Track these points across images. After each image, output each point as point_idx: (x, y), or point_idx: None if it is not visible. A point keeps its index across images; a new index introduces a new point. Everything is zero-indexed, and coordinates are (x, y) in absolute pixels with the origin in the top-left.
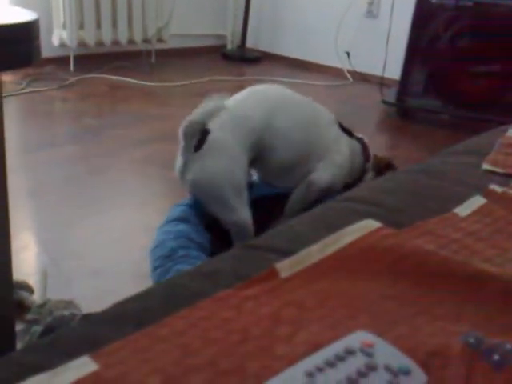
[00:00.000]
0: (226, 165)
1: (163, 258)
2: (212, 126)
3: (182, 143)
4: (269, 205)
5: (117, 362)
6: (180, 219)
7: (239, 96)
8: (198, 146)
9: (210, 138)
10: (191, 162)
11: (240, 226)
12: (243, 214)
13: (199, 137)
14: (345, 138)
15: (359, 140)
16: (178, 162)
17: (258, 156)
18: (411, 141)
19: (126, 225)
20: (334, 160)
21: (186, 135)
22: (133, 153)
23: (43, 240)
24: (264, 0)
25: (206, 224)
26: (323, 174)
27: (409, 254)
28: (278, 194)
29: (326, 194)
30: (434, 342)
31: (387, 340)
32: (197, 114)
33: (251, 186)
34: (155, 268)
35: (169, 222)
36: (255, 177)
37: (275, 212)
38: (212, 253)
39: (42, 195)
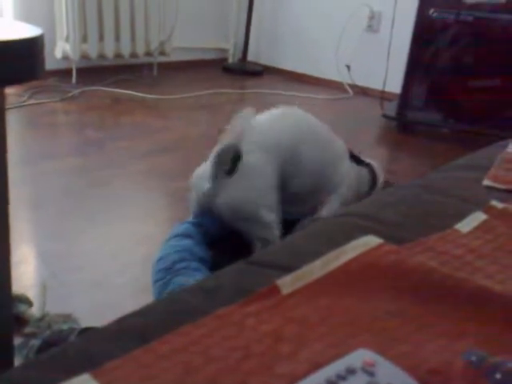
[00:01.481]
0: (260, 186)
1: (164, 271)
2: (243, 148)
3: (212, 168)
4: None
5: (118, 380)
6: (183, 235)
7: (267, 118)
8: (231, 170)
9: (244, 162)
10: (223, 186)
11: (269, 242)
12: (275, 230)
13: (232, 160)
14: (354, 168)
15: (368, 165)
16: (203, 182)
17: (280, 182)
18: (411, 155)
19: (126, 237)
20: (343, 195)
21: (220, 161)
22: (135, 165)
23: (43, 252)
24: (265, 14)
25: (210, 242)
26: (330, 211)
27: (411, 270)
28: (284, 220)
29: None
30: (436, 360)
31: (389, 358)
32: (229, 138)
33: None
34: (156, 281)
35: (173, 237)
36: None
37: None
38: (213, 267)
39: (43, 207)
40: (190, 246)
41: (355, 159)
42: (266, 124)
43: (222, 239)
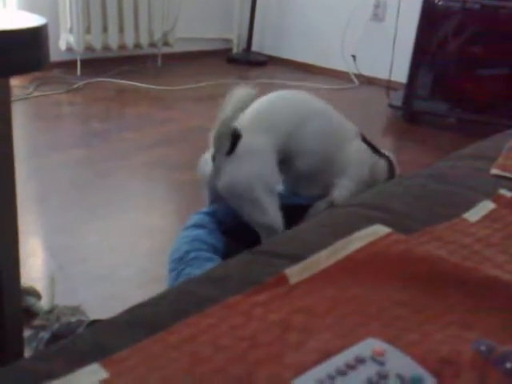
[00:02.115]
0: (259, 168)
1: (176, 262)
2: (242, 128)
3: (213, 148)
4: (288, 215)
5: (127, 370)
6: (196, 225)
7: (269, 100)
8: (230, 150)
9: (242, 142)
10: (223, 166)
11: (271, 228)
12: (275, 216)
13: (230, 140)
14: (367, 152)
15: (385, 157)
16: (207, 166)
17: (283, 161)
18: (418, 144)
19: (132, 229)
20: (354, 176)
21: (221, 136)
22: (139, 156)
23: (50, 245)
24: (269, 4)
25: (224, 230)
26: (343, 193)
27: (419, 260)
28: (298, 205)
29: None
30: (445, 350)
31: (398, 347)
32: (227, 111)
33: None
34: (170, 271)
35: (186, 228)
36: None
37: (293, 223)
38: (226, 255)
39: (49, 199)
40: (201, 236)
41: (371, 147)
42: (266, 103)
43: (236, 228)
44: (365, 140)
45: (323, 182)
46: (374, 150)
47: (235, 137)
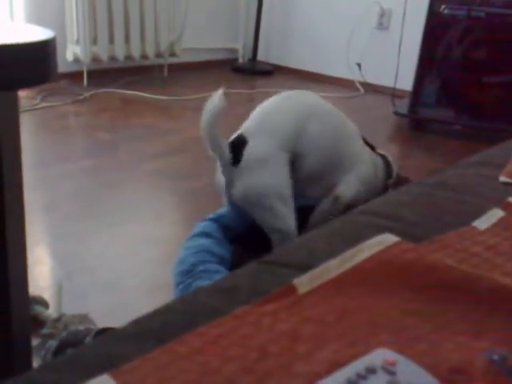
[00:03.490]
0: (271, 176)
1: (184, 274)
2: (248, 134)
3: (219, 163)
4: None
5: (137, 381)
6: (202, 234)
7: (272, 102)
8: (237, 158)
9: (248, 149)
10: (234, 177)
11: (285, 233)
12: (290, 221)
13: (234, 147)
14: (368, 152)
15: (382, 157)
16: (220, 179)
17: (291, 162)
18: (424, 152)
19: (139, 238)
20: (359, 173)
21: (214, 149)
22: (146, 166)
23: (57, 254)
24: (275, 13)
25: (231, 238)
26: (349, 188)
27: (429, 268)
28: (303, 206)
29: (348, 208)
30: (457, 359)
31: (408, 357)
32: (204, 122)
33: None
34: (177, 284)
35: (191, 237)
36: None
37: (300, 224)
38: (233, 264)
39: (57, 209)
40: (208, 246)
41: (369, 146)
42: (269, 107)
43: (243, 234)
44: (364, 140)
45: (329, 182)
46: (372, 149)
47: (241, 144)
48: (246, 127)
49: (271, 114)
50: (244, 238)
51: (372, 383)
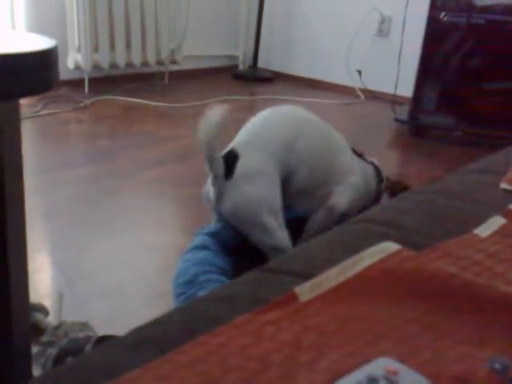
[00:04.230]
0: (261, 191)
1: (185, 285)
2: (239, 149)
3: (212, 176)
4: (288, 228)
5: None
6: (201, 247)
7: (261, 118)
8: (229, 172)
9: (240, 164)
10: (225, 192)
11: (280, 249)
12: (282, 237)
13: (226, 162)
14: (358, 161)
15: (371, 163)
16: (210, 191)
17: (282, 177)
18: (424, 158)
19: (139, 245)
20: (351, 184)
21: (210, 161)
22: (147, 173)
23: (58, 261)
24: (275, 20)
25: (228, 251)
26: (342, 199)
27: (430, 276)
28: (297, 218)
29: (342, 218)
30: (459, 368)
31: (411, 366)
32: (203, 135)
33: None
34: (178, 295)
35: (190, 250)
36: None
37: (294, 235)
38: (234, 275)
39: (57, 216)
40: (209, 258)
41: (357, 155)
42: (258, 123)
43: (239, 248)
44: (352, 149)
45: (320, 195)
46: (361, 157)
47: (233, 158)
48: (237, 142)
49: (261, 129)
50: (241, 250)
51: None
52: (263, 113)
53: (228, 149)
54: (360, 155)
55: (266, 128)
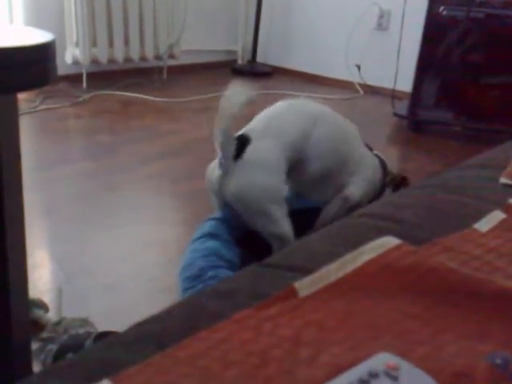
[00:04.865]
0: (268, 177)
1: (192, 279)
2: (251, 133)
3: (219, 154)
4: (298, 219)
5: None
6: (209, 235)
7: (277, 108)
8: (238, 154)
9: (251, 147)
10: (231, 173)
11: (283, 238)
12: (285, 226)
13: (237, 144)
14: (369, 153)
15: (377, 156)
16: (215, 172)
17: (293, 167)
18: (424, 153)
19: (139, 240)
20: (364, 175)
21: (224, 141)
22: (146, 168)
23: (57, 257)
24: (274, 15)
25: (237, 238)
26: (355, 190)
27: (430, 271)
28: (308, 208)
29: (353, 209)
30: (459, 363)
31: (410, 361)
32: (223, 115)
33: None
34: (185, 289)
35: (198, 238)
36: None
37: (305, 226)
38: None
39: (56, 211)
40: (216, 249)
41: (368, 148)
42: (275, 112)
43: (249, 235)
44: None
45: (334, 185)
46: (371, 150)
47: (244, 141)
48: (251, 128)
49: (278, 118)
50: (250, 238)
51: None
52: (280, 103)
53: (239, 133)
54: (370, 148)
55: (282, 116)
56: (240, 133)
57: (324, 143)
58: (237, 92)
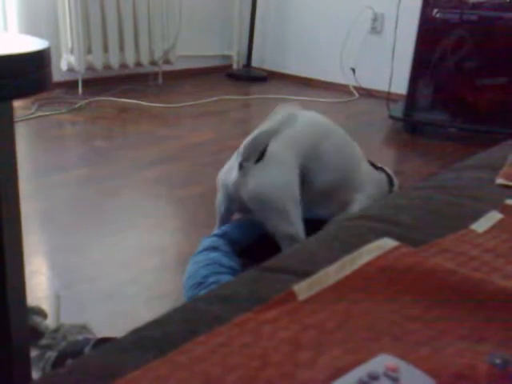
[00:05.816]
0: (287, 178)
1: (196, 287)
2: (270, 135)
3: (242, 155)
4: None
5: None
6: (210, 248)
7: (290, 116)
8: (259, 156)
9: (270, 149)
10: (250, 173)
11: (295, 239)
12: (300, 227)
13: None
14: (374, 171)
15: (382, 170)
16: (230, 176)
17: (301, 179)
18: (420, 155)
19: (137, 246)
20: (368, 193)
21: (255, 146)
22: (143, 174)
23: (55, 264)
24: (268, 19)
25: (238, 252)
26: (361, 207)
27: (429, 272)
28: (315, 219)
29: None
30: (459, 364)
31: (411, 363)
32: (271, 124)
33: None
34: (190, 298)
35: (199, 252)
36: None
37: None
38: None
39: (54, 218)
40: (217, 258)
41: (370, 163)
42: (287, 120)
43: (250, 247)
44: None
45: (338, 200)
46: (374, 166)
47: (264, 147)
48: (268, 129)
49: (290, 126)
50: (250, 251)
51: None
52: (295, 110)
53: (257, 133)
54: (371, 162)
55: (294, 126)
56: (257, 132)
57: (332, 158)
58: (290, 107)
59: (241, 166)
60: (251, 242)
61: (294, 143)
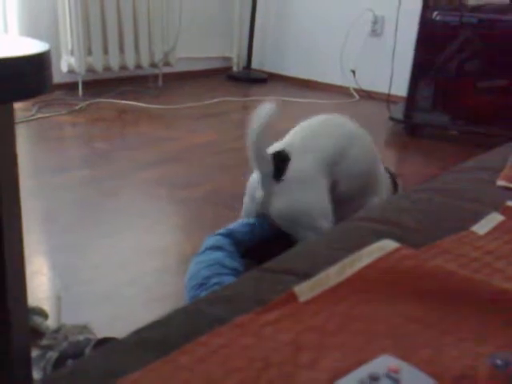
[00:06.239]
0: (314, 195)
1: (197, 288)
2: (289, 148)
3: (259, 175)
4: None
5: None
6: (213, 248)
7: (314, 123)
8: (279, 173)
9: (293, 166)
10: (276, 193)
11: None
12: None
13: (277, 162)
14: (384, 172)
15: (387, 170)
16: (258, 191)
17: (331, 188)
18: (420, 157)
19: (137, 247)
20: (382, 196)
21: (257, 158)
22: (143, 175)
23: (55, 264)
24: (268, 21)
25: (243, 252)
26: None
27: (430, 274)
28: None
29: None
30: (461, 365)
31: (412, 364)
32: (253, 130)
33: None
34: (191, 299)
35: (202, 252)
36: None
37: None
38: None
39: (54, 219)
40: (220, 259)
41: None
42: (310, 128)
43: (255, 248)
44: None
45: (355, 206)
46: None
47: (284, 159)
48: (288, 143)
49: (315, 133)
50: (255, 251)
51: None
52: (315, 119)
53: (276, 149)
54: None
55: (320, 133)
56: (277, 148)
57: (359, 165)
58: (264, 111)
59: (262, 183)
60: (257, 242)
61: (317, 155)
